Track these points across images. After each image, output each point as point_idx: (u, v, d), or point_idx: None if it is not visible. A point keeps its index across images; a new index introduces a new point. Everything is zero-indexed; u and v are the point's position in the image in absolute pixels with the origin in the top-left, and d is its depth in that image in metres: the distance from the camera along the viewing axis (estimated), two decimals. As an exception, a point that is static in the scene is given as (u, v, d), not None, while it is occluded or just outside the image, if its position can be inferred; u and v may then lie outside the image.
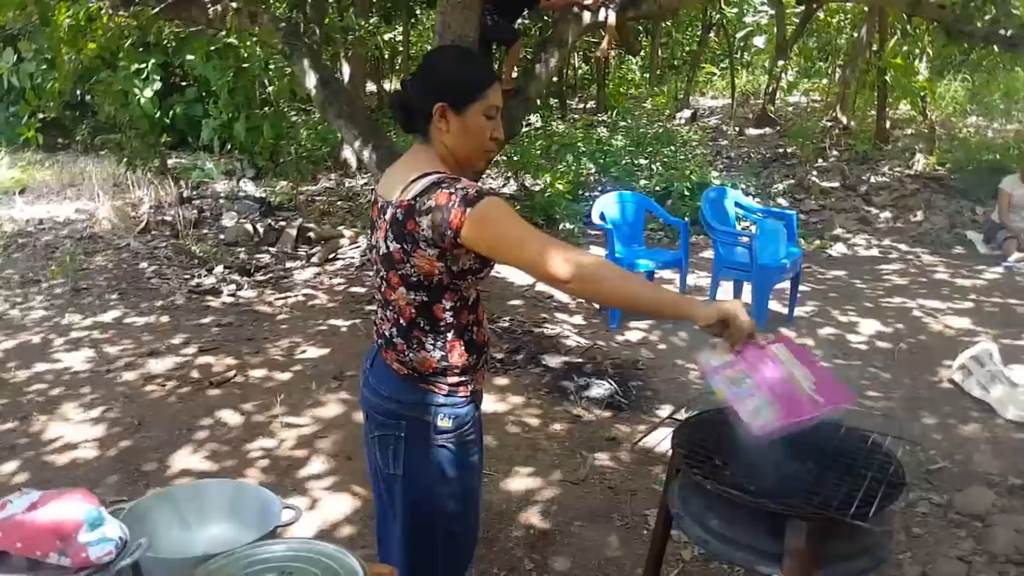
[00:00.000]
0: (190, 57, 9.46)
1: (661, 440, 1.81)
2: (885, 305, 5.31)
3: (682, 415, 1.93)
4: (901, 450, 1.70)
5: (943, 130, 11.04)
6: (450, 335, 1.60)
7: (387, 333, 1.65)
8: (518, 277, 5.85)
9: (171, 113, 10.48)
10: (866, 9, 11.43)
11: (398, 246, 1.54)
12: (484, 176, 8.19)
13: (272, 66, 8.79)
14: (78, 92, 10.54)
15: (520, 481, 3.08)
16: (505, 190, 8.67)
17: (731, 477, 1.64)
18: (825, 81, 16.24)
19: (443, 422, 1.62)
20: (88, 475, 3.11)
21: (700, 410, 1.92)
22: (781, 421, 1.47)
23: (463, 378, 1.64)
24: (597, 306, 5.22)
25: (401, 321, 1.61)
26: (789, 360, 1.53)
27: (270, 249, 6.66)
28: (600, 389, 3.84)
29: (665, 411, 3.67)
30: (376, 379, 1.68)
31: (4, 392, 3.90)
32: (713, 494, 1.59)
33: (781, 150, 10.66)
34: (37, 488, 3.18)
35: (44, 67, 9.48)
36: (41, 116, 10.47)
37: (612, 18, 6.52)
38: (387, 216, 1.56)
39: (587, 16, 6.77)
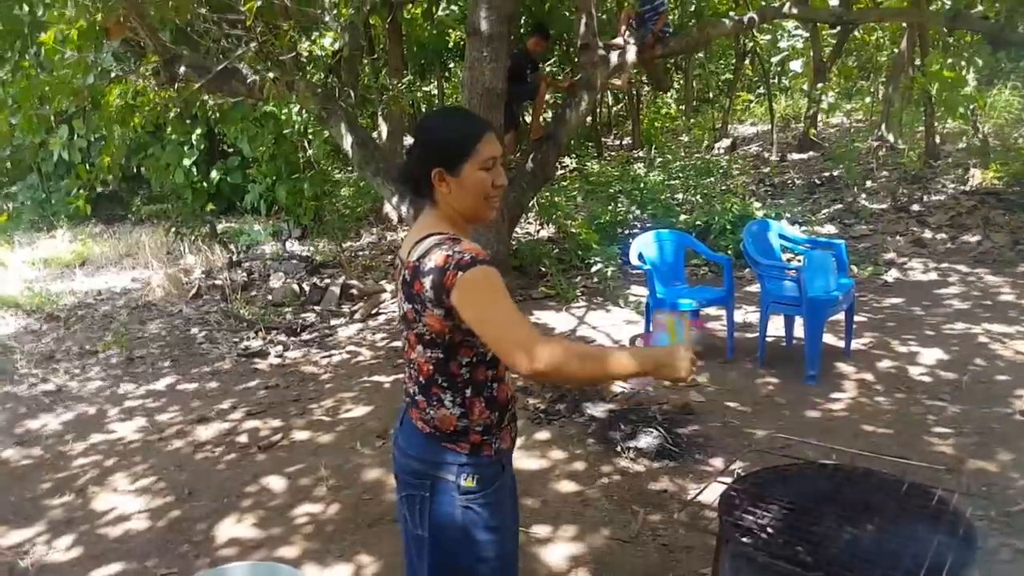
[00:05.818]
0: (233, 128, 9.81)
1: (716, 494, 1.72)
2: (947, 332, 5.05)
3: (735, 467, 1.83)
4: (970, 509, 1.56)
5: (997, 141, 10.63)
6: (468, 392, 1.60)
7: (411, 391, 1.68)
8: (558, 322, 5.77)
9: (216, 181, 10.85)
10: (904, 25, 11.22)
11: (410, 306, 1.58)
12: (521, 220, 8.18)
13: (312, 130, 9.05)
14: (132, 166, 11.03)
15: (567, 541, 2.97)
16: (543, 233, 8.66)
17: (784, 546, 1.53)
18: (868, 100, 15.92)
19: (467, 482, 1.60)
20: (139, 547, 3.13)
21: (752, 468, 1.81)
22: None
23: (486, 437, 1.62)
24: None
25: (421, 379, 1.63)
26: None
27: (315, 308, 6.74)
28: (648, 438, 3.71)
29: (718, 459, 3.52)
30: (403, 438, 1.70)
31: (62, 465, 3.99)
32: (765, 566, 1.48)
33: (827, 174, 10.43)
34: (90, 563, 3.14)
35: (98, 141, 9.96)
36: (99, 190, 10.96)
37: (631, 57, 6.77)
38: (401, 278, 1.63)
39: (614, 58, 6.82)
